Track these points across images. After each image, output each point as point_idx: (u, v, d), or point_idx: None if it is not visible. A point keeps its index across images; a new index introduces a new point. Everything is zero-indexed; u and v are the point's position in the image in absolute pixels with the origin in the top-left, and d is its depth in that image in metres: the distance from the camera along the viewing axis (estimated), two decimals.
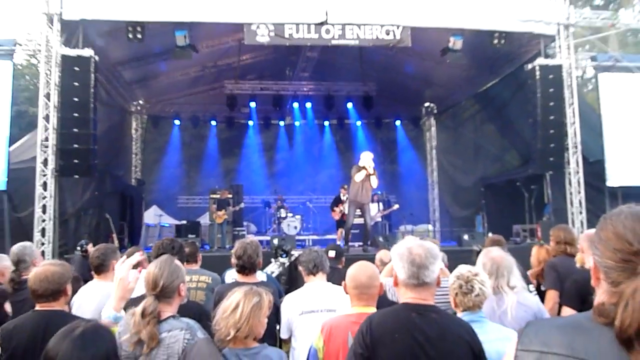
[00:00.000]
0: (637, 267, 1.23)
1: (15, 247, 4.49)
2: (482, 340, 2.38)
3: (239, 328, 2.54)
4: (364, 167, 9.92)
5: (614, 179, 11.50)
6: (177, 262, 2.93)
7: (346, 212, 13.12)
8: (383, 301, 3.11)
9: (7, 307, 3.72)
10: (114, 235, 11.80)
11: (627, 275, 1.24)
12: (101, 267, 4.07)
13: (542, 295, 4.79)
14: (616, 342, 1.20)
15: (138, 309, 2.65)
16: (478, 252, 6.18)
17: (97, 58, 9.84)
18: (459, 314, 2.89)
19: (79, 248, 7.77)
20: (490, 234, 9.74)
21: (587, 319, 1.30)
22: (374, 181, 10.01)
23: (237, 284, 2.73)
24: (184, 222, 14.77)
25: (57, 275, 3.00)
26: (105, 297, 3.74)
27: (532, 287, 4.85)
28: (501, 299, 3.22)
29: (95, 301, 3.74)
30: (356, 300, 2.99)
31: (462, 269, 3.10)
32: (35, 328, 2.84)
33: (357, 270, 3.02)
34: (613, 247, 1.28)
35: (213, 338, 2.60)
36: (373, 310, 2.92)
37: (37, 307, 3.00)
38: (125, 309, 2.92)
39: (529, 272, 5.09)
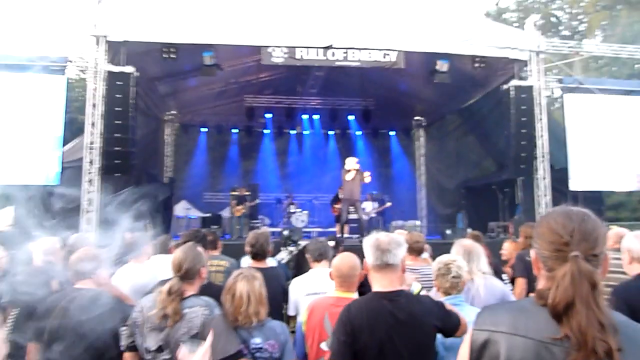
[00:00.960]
0: (567, 255, 1.28)
1: (73, 237, 4.63)
2: None
3: (257, 312, 2.54)
4: (352, 169, 9.90)
5: (575, 184, 11.42)
6: (200, 248, 2.93)
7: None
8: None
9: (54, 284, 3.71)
10: (148, 225, 11.78)
11: (560, 262, 1.30)
12: (136, 252, 4.08)
13: (514, 283, 4.76)
14: (550, 319, 1.26)
15: (164, 288, 2.66)
16: None
17: (136, 74, 9.86)
18: (442, 298, 2.88)
19: (118, 236, 7.78)
20: (469, 230, 9.72)
21: (530, 302, 1.36)
22: (368, 177, 9.94)
23: (241, 271, 2.72)
24: (209, 214, 14.78)
25: (89, 259, 3.00)
26: (137, 277, 3.75)
27: (505, 277, 4.83)
28: (472, 282, 3.21)
29: (130, 281, 3.75)
30: (339, 286, 2.99)
31: (443, 256, 3.10)
32: (70, 304, 2.81)
33: (340, 262, 3.02)
34: (548, 240, 1.34)
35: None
36: (353, 295, 2.93)
37: (75, 285, 2.98)
38: (154, 290, 2.92)
39: (504, 267, 5.08)
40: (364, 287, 3.17)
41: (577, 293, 1.24)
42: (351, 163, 10.00)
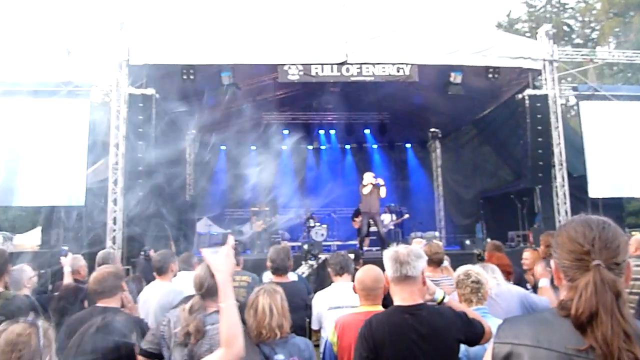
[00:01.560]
0: (589, 264, 1.25)
1: (101, 252, 4.71)
2: None
3: (280, 325, 2.51)
4: (369, 183, 9.97)
5: (594, 191, 11.20)
6: None
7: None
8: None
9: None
10: (172, 243, 11.87)
11: (581, 272, 1.27)
12: (162, 269, 4.11)
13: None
14: (574, 331, 1.23)
15: (187, 306, 2.66)
16: (478, 255, 6.09)
17: (157, 95, 10.02)
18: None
19: (142, 253, 7.85)
20: (489, 240, 9.58)
21: (552, 313, 1.32)
22: (383, 191, 10.01)
23: (263, 287, 2.70)
24: (229, 231, 14.81)
25: (112, 276, 3.02)
26: (165, 294, 3.77)
27: (528, 285, 4.74)
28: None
29: (157, 297, 3.77)
30: (364, 300, 2.94)
31: (462, 267, 3.05)
32: (87, 321, 2.84)
33: (364, 274, 2.97)
34: (568, 249, 1.31)
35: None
36: (379, 308, 2.87)
37: (98, 304, 3.00)
38: (177, 306, 2.92)
39: (526, 276, 4.98)
40: (385, 299, 3.13)
41: (600, 303, 1.20)
42: (368, 178, 10.07)
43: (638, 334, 1.18)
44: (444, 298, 2.50)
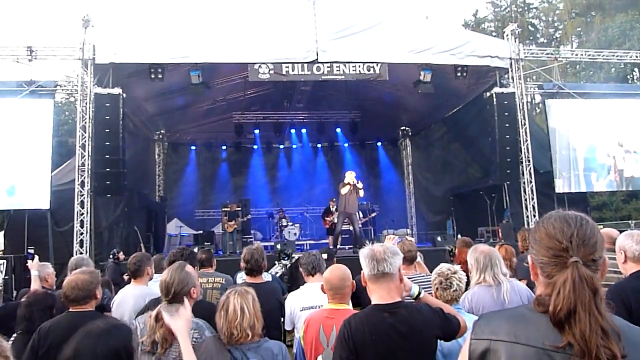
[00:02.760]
0: (567, 261, 1.25)
1: (73, 258, 4.47)
2: None
3: (252, 326, 2.47)
4: (348, 183, 9.96)
5: (560, 186, 11.53)
6: (188, 268, 2.82)
7: (335, 221, 13.14)
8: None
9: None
10: (142, 245, 11.67)
11: (559, 268, 1.27)
12: (137, 272, 4.01)
13: None
14: (551, 327, 1.23)
15: (153, 313, 2.56)
16: (450, 251, 6.18)
17: (124, 95, 9.80)
18: None
19: (111, 256, 7.69)
20: (459, 236, 9.74)
21: (529, 309, 1.32)
22: (361, 192, 10.04)
23: (235, 288, 2.66)
24: (201, 232, 14.65)
25: (87, 283, 2.92)
26: (140, 298, 3.68)
27: None
28: (499, 288, 3.16)
29: (132, 301, 3.68)
30: (330, 298, 2.94)
31: (443, 267, 3.06)
32: (68, 327, 2.73)
33: (330, 274, 2.96)
34: (546, 246, 1.31)
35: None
36: (345, 306, 2.90)
37: (71, 309, 2.91)
38: (148, 309, 2.85)
39: None
40: (358, 298, 3.13)
41: (578, 300, 1.20)
42: (350, 176, 10.06)
43: (615, 330, 1.19)
44: (419, 293, 2.51)
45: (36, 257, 4.59)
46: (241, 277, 4.63)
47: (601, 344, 1.16)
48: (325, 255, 5.26)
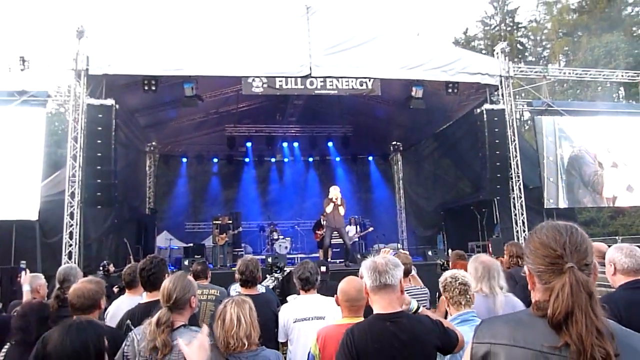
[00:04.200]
0: (563, 267, 1.33)
1: (62, 268, 4.30)
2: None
3: (249, 335, 2.48)
4: (331, 200, 10.06)
5: (549, 202, 11.66)
6: (190, 277, 2.86)
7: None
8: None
9: None
10: (131, 257, 11.56)
11: (556, 274, 1.34)
12: (132, 283, 4.00)
13: None
14: (548, 329, 1.30)
15: (153, 319, 2.56)
16: (442, 265, 6.21)
17: (117, 106, 9.78)
18: (453, 314, 2.87)
19: (101, 268, 7.59)
20: (450, 250, 9.78)
21: (527, 314, 1.40)
22: (342, 210, 10.18)
23: (231, 298, 2.67)
24: (191, 244, 14.58)
25: (93, 292, 2.91)
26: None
27: None
28: (494, 299, 3.19)
29: (126, 312, 3.64)
30: (347, 311, 2.91)
31: (447, 272, 3.08)
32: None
33: (347, 285, 2.94)
34: (541, 254, 1.38)
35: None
36: (362, 319, 2.83)
37: (74, 318, 2.89)
38: (139, 315, 2.84)
39: None
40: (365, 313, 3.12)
41: (576, 302, 1.27)
42: (334, 192, 10.19)
43: (609, 331, 1.27)
44: (418, 308, 2.54)
45: (27, 271, 4.54)
46: (234, 288, 4.62)
47: (596, 343, 1.23)
48: (323, 268, 5.28)
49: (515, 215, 11.19)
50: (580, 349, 1.23)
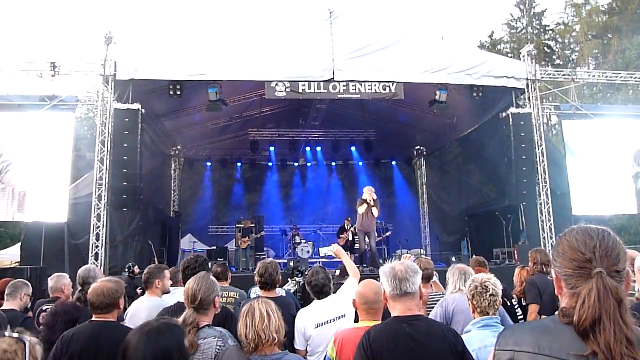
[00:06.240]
0: (591, 272, 1.27)
1: (81, 270, 4.35)
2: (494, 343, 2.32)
3: (278, 330, 2.47)
4: (365, 201, 9.97)
5: (578, 208, 11.35)
6: (213, 278, 2.87)
7: (350, 239, 13.09)
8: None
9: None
10: (156, 259, 11.72)
11: (584, 279, 1.28)
12: (147, 283, 4.05)
13: (524, 309, 4.67)
14: (575, 337, 1.24)
15: (180, 320, 2.58)
16: None
17: (143, 111, 9.97)
18: (476, 319, 2.82)
19: (126, 270, 7.72)
20: (474, 256, 9.61)
21: (553, 321, 1.34)
22: (375, 211, 10.03)
23: (257, 298, 2.67)
24: (214, 247, 14.70)
25: (112, 291, 2.93)
26: (154, 309, 3.68)
27: (514, 302, 4.74)
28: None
29: (146, 313, 3.69)
30: (365, 314, 2.87)
31: (477, 276, 3.05)
32: (90, 336, 2.77)
33: (365, 288, 2.90)
34: (569, 258, 1.32)
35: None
36: (378, 323, 2.81)
37: (94, 318, 2.93)
38: (176, 314, 2.84)
39: (514, 292, 4.97)
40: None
41: (603, 309, 1.22)
42: (368, 193, 10.13)
43: (639, 340, 1.20)
44: None
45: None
46: (255, 291, 4.63)
47: (626, 353, 1.17)
48: (338, 272, 5.23)
49: (542, 221, 10.95)
50: (609, 359, 1.17)
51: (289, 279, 7.47)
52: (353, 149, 17.61)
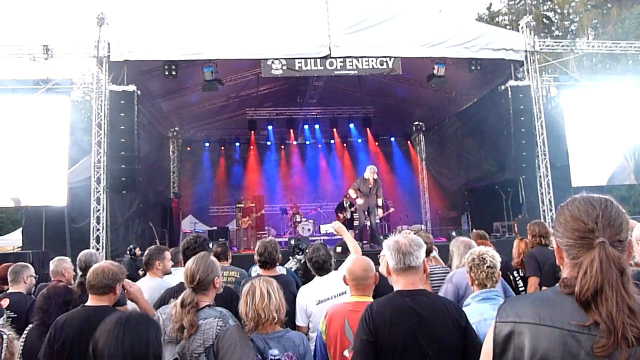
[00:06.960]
0: (593, 242, 1.25)
1: (82, 255, 4.32)
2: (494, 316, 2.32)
3: (278, 309, 2.48)
4: (367, 180, 10.02)
5: (577, 180, 11.34)
6: (213, 258, 2.85)
7: (349, 217, 13.12)
8: (384, 286, 3.01)
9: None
10: (157, 241, 11.76)
11: (585, 249, 1.27)
12: (147, 265, 4.06)
13: (524, 281, 4.69)
14: (577, 308, 1.23)
15: (178, 301, 2.59)
16: None
17: (139, 92, 9.87)
18: (476, 292, 2.82)
19: (128, 252, 7.74)
20: (474, 230, 9.63)
21: (554, 292, 1.32)
22: (379, 201, 10.18)
23: (259, 277, 2.66)
24: (215, 228, 14.74)
25: (112, 273, 2.90)
26: (155, 290, 3.70)
27: (516, 273, 4.76)
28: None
29: (147, 293, 3.68)
30: (354, 290, 2.91)
31: (475, 248, 3.05)
32: (83, 321, 2.73)
33: (354, 264, 2.93)
34: (571, 228, 1.31)
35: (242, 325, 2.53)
36: (369, 299, 2.83)
37: (88, 302, 2.89)
38: (164, 300, 2.84)
39: (512, 263, 4.97)
40: (378, 290, 3.09)
41: (605, 279, 1.20)
42: (369, 173, 10.15)
43: None
44: None
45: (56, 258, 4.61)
46: (255, 270, 4.63)
47: (628, 322, 1.16)
48: (339, 249, 5.23)
49: (542, 194, 10.94)
50: (611, 328, 1.16)
51: (290, 257, 7.50)
52: (351, 125, 17.51)
